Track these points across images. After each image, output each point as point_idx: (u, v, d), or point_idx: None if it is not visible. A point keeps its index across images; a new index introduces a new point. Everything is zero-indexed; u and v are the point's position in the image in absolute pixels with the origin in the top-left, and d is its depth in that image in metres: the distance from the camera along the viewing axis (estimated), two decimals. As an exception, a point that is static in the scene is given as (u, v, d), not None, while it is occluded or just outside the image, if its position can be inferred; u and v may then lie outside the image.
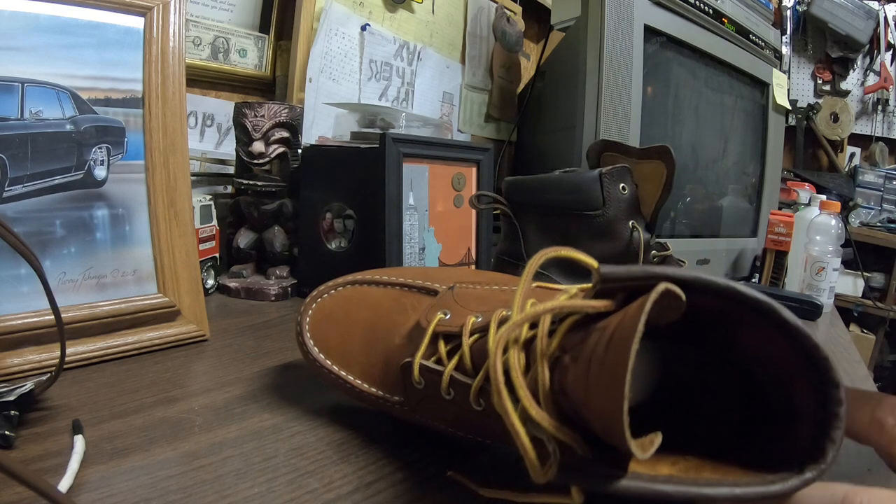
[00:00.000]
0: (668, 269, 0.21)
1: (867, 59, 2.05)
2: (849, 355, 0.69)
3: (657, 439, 0.20)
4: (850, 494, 0.20)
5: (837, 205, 1.03)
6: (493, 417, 0.28)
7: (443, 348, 0.32)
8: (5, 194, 0.41)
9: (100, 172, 0.47)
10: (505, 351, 0.24)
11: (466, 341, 0.30)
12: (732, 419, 0.27)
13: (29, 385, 0.35)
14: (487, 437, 0.31)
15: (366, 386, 0.36)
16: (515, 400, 0.23)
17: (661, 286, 0.19)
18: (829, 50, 2.04)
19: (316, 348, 0.38)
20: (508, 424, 0.22)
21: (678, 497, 0.20)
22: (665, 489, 0.20)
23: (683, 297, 0.20)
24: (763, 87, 1.24)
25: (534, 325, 0.25)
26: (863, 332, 1.98)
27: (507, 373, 0.23)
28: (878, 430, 0.23)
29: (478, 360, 0.30)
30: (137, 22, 0.49)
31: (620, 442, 0.19)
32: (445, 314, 0.33)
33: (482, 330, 0.30)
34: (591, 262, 0.24)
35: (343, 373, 0.37)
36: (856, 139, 2.12)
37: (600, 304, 0.22)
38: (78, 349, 0.43)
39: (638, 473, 0.21)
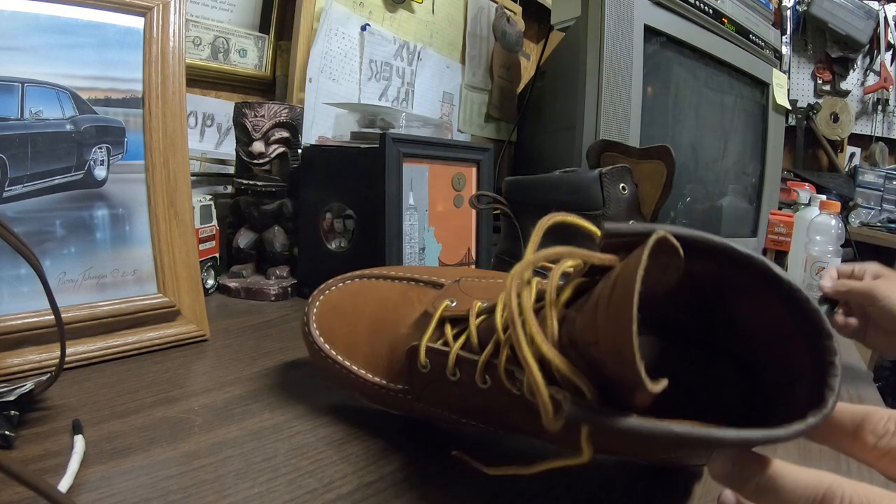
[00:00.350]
0: (668, 226, 0.21)
1: (867, 59, 2.05)
2: (849, 355, 0.69)
3: (664, 381, 0.21)
4: (833, 486, 0.20)
5: (837, 205, 1.03)
6: (500, 396, 0.29)
7: (449, 332, 0.32)
8: (5, 194, 0.41)
9: (100, 172, 0.47)
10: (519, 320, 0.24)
11: (473, 322, 0.31)
12: (733, 415, 0.27)
13: (29, 385, 0.35)
14: (491, 421, 0.32)
15: (370, 376, 0.36)
16: (529, 341, 0.23)
17: (661, 232, 0.20)
18: (829, 50, 2.04)
19: (322, 338, 0.39)
20: (521, 358, 0.23)
21: (686, 437, 0.20)
22: (674, 429, 0.20)
23: (681, 250, 0.21)
24: (763, 87, 1.24)
25: (540, 298, 0.26)
26: (863, 332, 1.98)
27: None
28: (861, 447, 0.24)
29: (484, 339, 0.30)
30: (137, 22, 0.49)
31: (632, 374, 0.19)
32: (452, 302, 0.34)
33: (489, 311, 0.31)
34: (594, 228, 0.25)
35: (347, 363, 0.37)
36: (856, 139, 2.12)
37: (606, 256, 0.23)
38: (78, 349, 0.43)
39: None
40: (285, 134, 0.70)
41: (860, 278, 0.59)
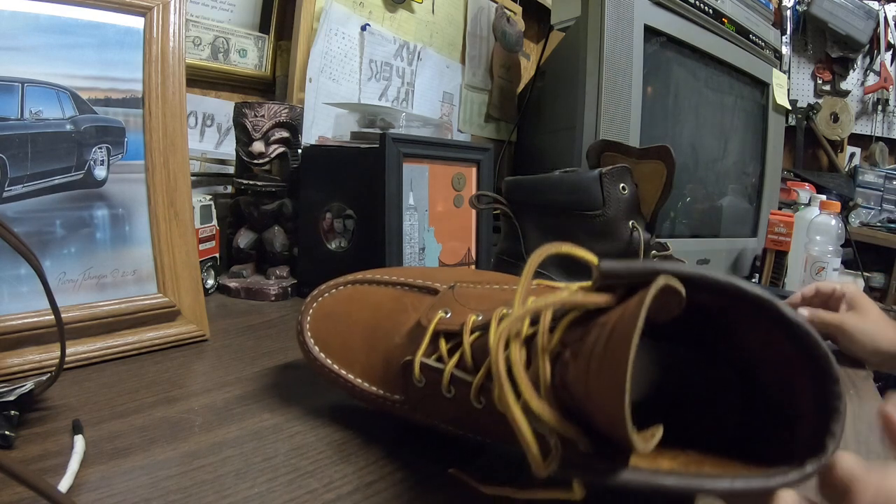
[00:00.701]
0: (668, 264, 0.21)
1: (867, 59, 2.05)
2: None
3: (658, 432, 0.21)
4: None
5: (837, 205, 1.03)
6: (494, 415, 0.28)
7: (443, 346, 0.32)
8: (5, 194, 0.41)
9: (100, 172, 0.47)
10: (506, 346, 0.24)
11: (467, 339, 0.30)
12: (733, 419, 0.27)
13: (29, 385, 0.35)
14: (488, 435, 0.31)
15: (366, 385, 0.36)
16: (517, 394, 0.23)
17: (661, 280, 0.20)
18: (829, 50, 2.04)
19: (317, 347, 0.38)
20: (510, 418, 0.22)
21: (678, 490, 0.20)
22: (666, 482, 0.20)
23: (683, 291, 0.21)
24: (763, 87, 1.24)
25: (535, 322, 0.25)
26: (863, 332, 1.97)
27: (508, 368, 0.23)
28: None
29: (478, 358, 0.30)
30: (137, 22, 0.49)
31: (622, 435, 0.19)
32: (446, 313, 0.33)
33: (483, 328, 0.30)
34: (591, 258, 0.24)
35: (344, 372, 0.37)
36: (856, 139, 2.12)
37: (601, 298, 0.23)
38: (78, 349, 0.43)
39: (639, 468, 0.21)
40: (285, 134, 0.70)
41: (840, 298, 0.64)
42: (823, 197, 1.21)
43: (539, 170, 0.63)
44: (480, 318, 0.31)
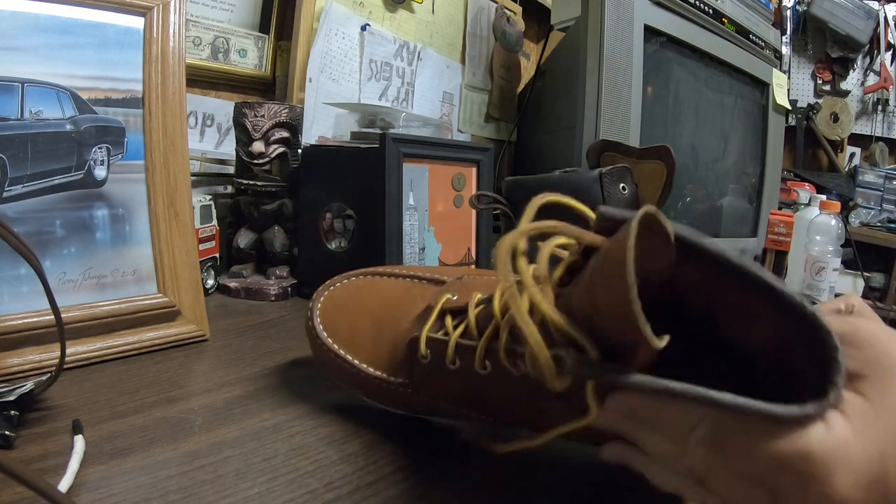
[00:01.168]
0: (663, 216, 0.21)
1: (867, 59, 2.05)
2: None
3: (666, 337, 0.21)
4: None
5: (837, 205, 1.03)
6: (500, 381, 0.29)
7: (450, 322, 0.33)
8: (5, 194, 0.41)
9: (100, 172, 0.47)
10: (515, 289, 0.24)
11: (472, 311, 0.31)
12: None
13: (29, 385, 0.35)
14: (490, 411, 0.32)
15: (370, 370, 0.36)
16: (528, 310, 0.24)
17: (650, 206, 0.21)
18: (829, 50, 2.04)
19: (325, 333, 0.39)
20: (519, 321, 0.23)
21: (686, 395, 0.20)
22: (675, 386, 0.21)
23: (671, 234, 0.21)
24: (763, 87, 1.24)
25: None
26: (863, 332, 1.96)
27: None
28: None
29: (483, 326, 0.30)
30: (137, 22, 0.49)
31: (634, 330, 0.20)
32: (453, 296, 0.34)
33: (487, 301, 0.31)
34: (587, 209, 0.25)
35: (349, 357, 0.38)
36: (856, 139, 2.12)
37: (598, 237, 0.23)
38: (78, 349, 0.43)
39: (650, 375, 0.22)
40: (285, 134, 0.70)
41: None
42: (823, 197, 1.21)
43: (539, 170, 0.63)
44: (485, 296, 0.32)
